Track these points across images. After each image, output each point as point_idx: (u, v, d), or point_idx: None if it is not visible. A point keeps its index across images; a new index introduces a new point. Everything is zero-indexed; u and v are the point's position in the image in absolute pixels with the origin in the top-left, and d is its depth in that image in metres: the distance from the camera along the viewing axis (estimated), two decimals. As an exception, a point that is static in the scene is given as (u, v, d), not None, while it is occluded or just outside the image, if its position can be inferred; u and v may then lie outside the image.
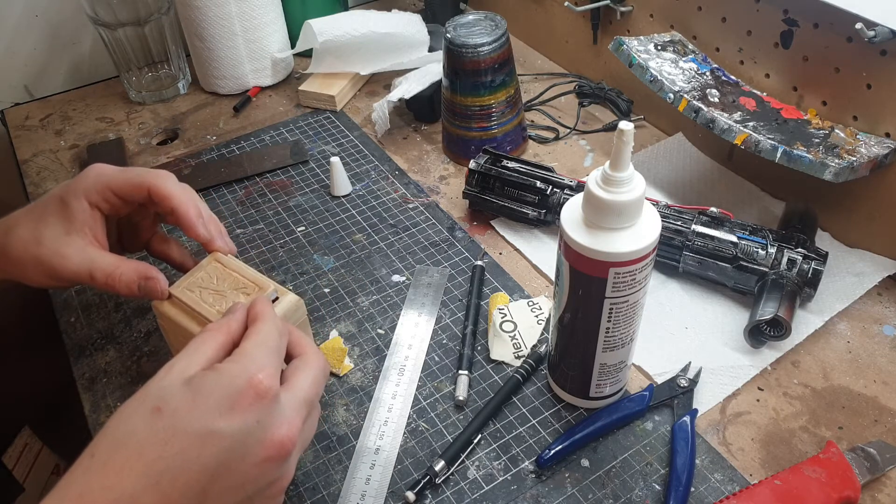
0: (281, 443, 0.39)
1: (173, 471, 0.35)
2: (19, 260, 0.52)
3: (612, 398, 0.54)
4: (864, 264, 0.64)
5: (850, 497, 0.47)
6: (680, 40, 0.74)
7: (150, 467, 0.35)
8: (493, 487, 0.50)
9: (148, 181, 0.53)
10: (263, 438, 0.38)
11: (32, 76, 0.95)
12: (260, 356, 0.40)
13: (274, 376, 0.39)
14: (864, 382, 0.56)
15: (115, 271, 0.51)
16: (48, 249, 0.51)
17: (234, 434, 0.37)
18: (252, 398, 0.38)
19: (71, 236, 0.51)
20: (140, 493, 0.35)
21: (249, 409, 0.38)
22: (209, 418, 0.37)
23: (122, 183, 0.53)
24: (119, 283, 0.51)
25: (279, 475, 0.40)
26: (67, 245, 0.51)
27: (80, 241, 0.51)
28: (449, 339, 0.60)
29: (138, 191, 0.53)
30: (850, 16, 0.57)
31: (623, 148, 0.42)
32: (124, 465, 0.35)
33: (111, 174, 0.53)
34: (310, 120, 0.87)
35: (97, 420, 0.56)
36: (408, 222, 0.72)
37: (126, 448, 0.36)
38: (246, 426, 0.37)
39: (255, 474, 0.38)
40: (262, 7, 0.88)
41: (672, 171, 0.76)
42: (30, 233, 0.52)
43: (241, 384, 0.38)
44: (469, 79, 0.73)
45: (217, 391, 0.37)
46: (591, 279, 0.46)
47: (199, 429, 0.36)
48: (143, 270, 0.51)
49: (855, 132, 0.62)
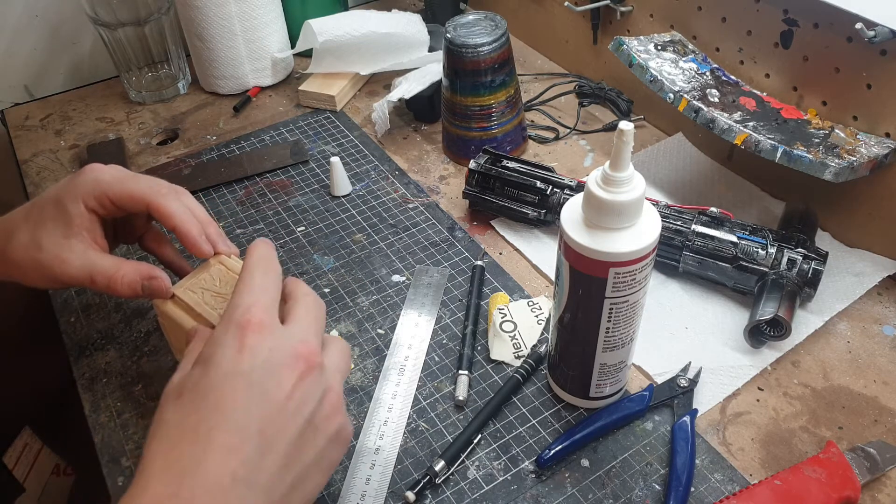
0: (299, 353, 0.40)
1: (244, 428, 0.37)
2: (19, 264, 0.52)
3: (612, 398, 0.54)
4: (864, 264, 0.64)
5: (850, 497, 0.47)
6: (680, 40, 0.74)
7: (235, 432, 0.37)
8: (493, 487, 0.50)
9: (147, 199, 0.52)
10: (282, 360, 0.40)
11: (32, 76, 0.96)
12: (253, 290, 0.42)
13: (267, 310, 0.41)
14: (864, 382, 0.56)
15: (117, 273, 0.51)
16: (48, 254, 0.51)
17: (254, 368, 0.39)
18: (254, 330, 0.40)
19: (70, 240, 0.51)
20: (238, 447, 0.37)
21: (257, 341, 0.39)
22: (229, 365, 0.39)
23: (120, 194, 0.52)
24: (121, 285, 0.51)
25: (320, 389, 0.41)
26: (67, 249, 0.51)
27: (79, 244, 0.51)
28: (449, 339, 0.60)
29: (136, 205, 0.53)
30: (850, 16, 0.57)
31: (623, 148, 0.42)
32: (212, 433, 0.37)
33: (109, 182, 0.52)
34: (310, 120, 0.87)
35: (97, 420, 0.56)
36: (408, 222, 0.72)
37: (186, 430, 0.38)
38: (259, 358, 0.39)
39: (296, 395, 0.39)
40: (262, 7, 0.88)
41: (672, 171, 0.76)
42: (29, 237, 0.52)
43: (238, 319, 0.40)
44: (469, 79, 0.73)
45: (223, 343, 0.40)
46: (591, 279, 0.46)
47: (225, 374, 0.39)
48: (146, 271, 0.51)
49: (855, 132, 0.62)
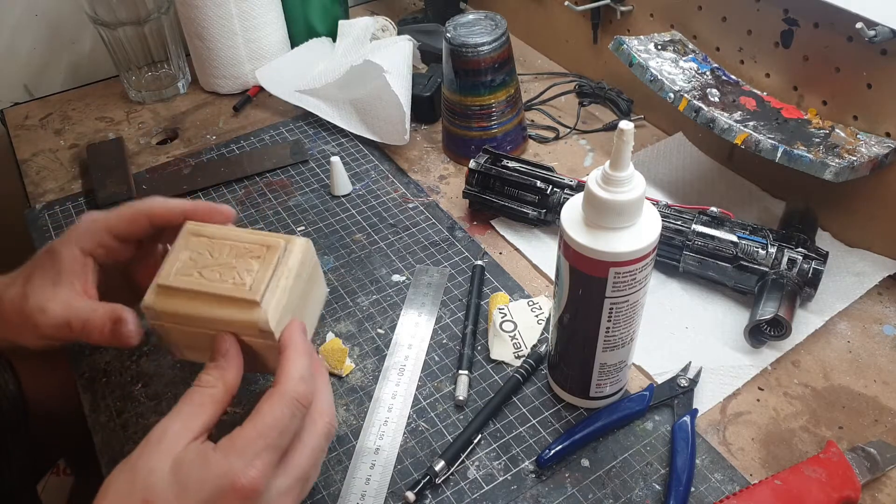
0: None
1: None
2: (11, 321, 0.49)
3: (613, 398, 0.54)
4: (865, 264, 0.64)
5: (850, 497, 0.47)
6: (680, 40, 0.74)
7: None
8: (493, 487, 0.50)
9: (143, 211, 0.50)
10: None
11: (32, 76, 0.95)
12: (254, 449, 0.38)
13: (264, 472, 0.38)
14: (865, 382, 0.56)
15: (91, 315, 0.47)
16: (32, 305, 0.48)
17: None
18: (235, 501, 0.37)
19: (57, 287, 0.48)
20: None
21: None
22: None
23: (118, 219, 0.50)
24: (92, 329, 0.47)
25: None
26: (51, 298, 0.48)
27: (65, 292, 0.48)
28: (449, 339, 0.60)
29: (137, 222, 0.50)
30: (850, 15, 0.57)
31: (623, 147, 0.42)
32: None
33: (104, 216, 0.50)
34: (310, 119, 0.87)
35: (97, 420, 0.56)
36: (408, 222, 0.72)
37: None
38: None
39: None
40: (262, 7, 0.88)
41: (672, 171, 0.76)
42: (19, 290, 0.49)
43: (225, 485, 0.37)
44: (469, 78, 0.73)
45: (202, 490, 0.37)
46: (591, 279, 0.46)
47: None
48: (114, 312, 0.47)
49: (855, 132, 0.62)
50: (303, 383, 0.41)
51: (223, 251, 0.47)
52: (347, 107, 0.85)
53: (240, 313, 0.45)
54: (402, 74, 0.78)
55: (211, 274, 0.46)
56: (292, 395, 0.41)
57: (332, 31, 0.95)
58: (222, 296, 0.45)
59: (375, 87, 0.79)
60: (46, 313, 0.47)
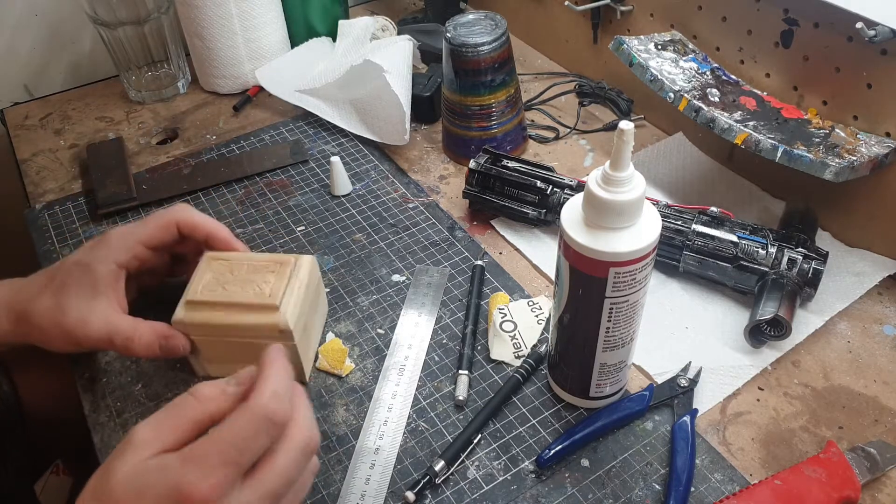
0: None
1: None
2: (43, 329, 0.53)
3: (612, 398, 0.54)
4: (865, 264, 0.64)
5: (850, 497, 0.47)
6: (680, 40, 0.74)
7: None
8: (493, 487, 0.50)
9: (174, 218, 0.56)
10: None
11: (32, 75, 0.95)
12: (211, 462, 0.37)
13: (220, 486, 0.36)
14: (865, 382, 0.56)
15: (134, 334, 0.52)
16: (71, 318, 0.52)
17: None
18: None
19: (95, 301, 0.52)
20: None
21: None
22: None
23: (151, 232, 0.55)
24: (139, 346, 0.52)
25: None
26: (91, 311, 0.52)
27: (102, 305, 0.53)
28: (449, 339, 0.60)
29: (167, 232, 0.56)
30: (850, 15, 0.57)
31: (623, 147, 0.42)
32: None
33: (135, 229, 0.55)
34: (310, 119, 0.87)
35: (97, 420, 0.56)
36: (408, 222, 0.72)
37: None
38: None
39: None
40: (262, 7, 0.88)
41: (672, 171, 0.76)
42: (53, 301, 0.53)
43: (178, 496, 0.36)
44: (469, 78, 0.73)
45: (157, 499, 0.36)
46: (591, 279, 0.46)
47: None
48: (161, 330, 0.53)
49: (855, 132, 0.62)
50: (275, 400, 0.39)
51: (241, 269, 0.55)
52: (347, 107, 0.85)
53: (262, 318, 0.52)
54: (402, 74, 0.78)
55: (233, 288, 0.53)
56: (260, 411, 0.39)
57: (332, 31, 0.95)
58: (245, 304, 0.52)
59: (375, 86, 0.79)
60: (88, 327, 0.52)
